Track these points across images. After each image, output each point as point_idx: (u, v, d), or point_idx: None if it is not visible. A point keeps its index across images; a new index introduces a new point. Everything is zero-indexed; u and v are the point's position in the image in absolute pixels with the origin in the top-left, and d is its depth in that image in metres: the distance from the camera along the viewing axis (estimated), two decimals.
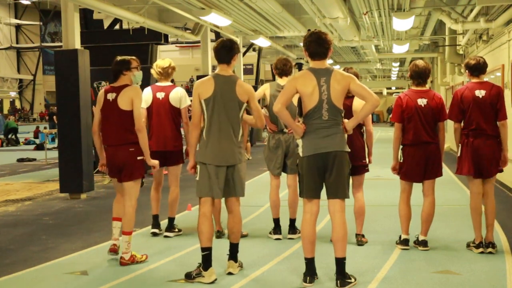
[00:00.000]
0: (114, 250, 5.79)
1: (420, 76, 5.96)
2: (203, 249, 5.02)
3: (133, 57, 5.81)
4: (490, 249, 5.82)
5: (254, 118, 5.37)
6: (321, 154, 4.77)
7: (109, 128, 5.65)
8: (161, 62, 6.82)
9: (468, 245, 6.03)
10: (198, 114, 5.13)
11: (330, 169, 4.79)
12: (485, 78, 6.08)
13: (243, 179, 5.23)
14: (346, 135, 4.93)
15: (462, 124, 6.00)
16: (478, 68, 5.97)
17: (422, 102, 5.87)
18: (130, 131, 5.59)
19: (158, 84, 6.83)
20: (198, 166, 5.13)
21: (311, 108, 4.78)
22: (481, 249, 5.85)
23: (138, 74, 5.78)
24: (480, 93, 5.87)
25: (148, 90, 6.79)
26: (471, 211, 6.00)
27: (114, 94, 5.62)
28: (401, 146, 6.01)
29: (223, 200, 5.45)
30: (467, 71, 6.06)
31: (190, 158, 5.23)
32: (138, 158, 5.63)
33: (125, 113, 5.57)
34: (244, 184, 5.25)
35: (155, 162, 5.83)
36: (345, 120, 4.93)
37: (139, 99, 5.64)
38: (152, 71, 6.82)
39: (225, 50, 5.20)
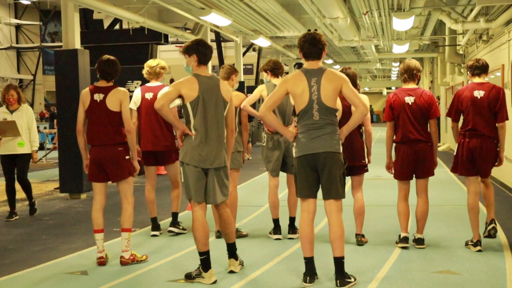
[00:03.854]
0: (102, 263, 5.58)
1: (406, 71, 5.99)
2: (200, 254, 5.01)
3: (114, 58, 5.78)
4: (493, 225, 6.01)
5: (227, 124, 5.16)
6: (311, 155, 4.77)
7: (97, 128, 5.58)
8: (150, 62, 6.84)
9: (466, 244, 6.04)
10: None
11: (321, 170, 4.79)
12: (485, 78, 6.09)
13: (228, 181, 5.17)
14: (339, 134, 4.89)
15: (460, 123, 6.04)
16: (479, 69, 5.99)
17: (409, 100, 5.89)
18: (119, 131, 5.60)
19: (147, 84, 6.84)
20: (181, 168, 5.03)
21: (302, 108, 4.80)
22: (478, 247, 5.85)
23: None
24: (479, 93, 5.89)
25: (138, 91, 6.82)
26: (468, 211, 6.01)
27: (101, 95, 5.57)
28: (394, 145, 6.08)
29: None
30: (468, 72, 6.08)
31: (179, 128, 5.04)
32: (126, 157, 5.63)
33: (114, 113, 5.56)
34: (228, 185, 5.20)
35: (137, 167, 5.77)
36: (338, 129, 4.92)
37: (127, 101, 5.65)
38: (143, 71, 6.83)
39: (209, 51, 5.14)
